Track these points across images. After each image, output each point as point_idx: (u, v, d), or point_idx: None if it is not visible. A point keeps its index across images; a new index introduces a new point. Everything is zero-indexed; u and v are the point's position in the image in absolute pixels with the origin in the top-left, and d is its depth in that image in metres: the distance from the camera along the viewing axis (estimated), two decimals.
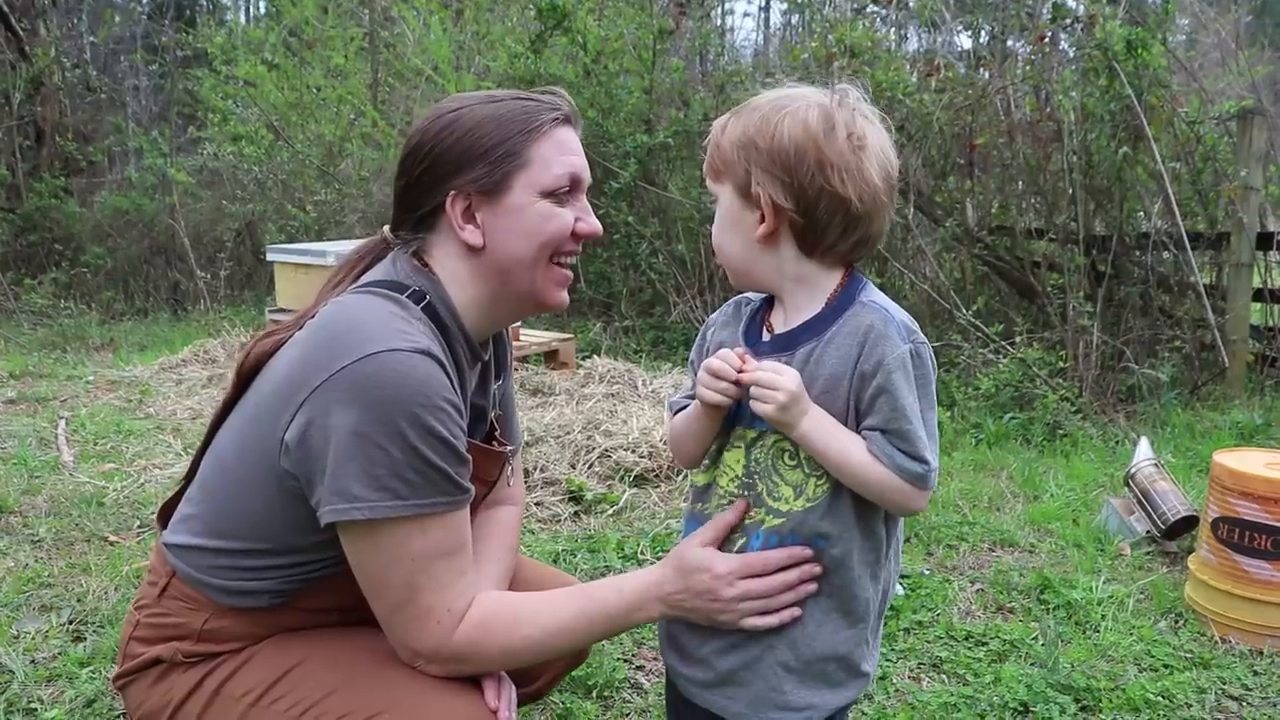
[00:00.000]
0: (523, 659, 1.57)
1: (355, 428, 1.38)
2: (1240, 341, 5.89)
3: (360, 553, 1.46)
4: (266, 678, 1.54)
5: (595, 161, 7.72)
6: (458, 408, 1.46)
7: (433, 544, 1.45)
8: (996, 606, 3.22)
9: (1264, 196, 6.02)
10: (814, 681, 1.50)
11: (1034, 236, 6.75)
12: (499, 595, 1.60)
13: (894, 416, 1.41)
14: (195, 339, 7.51)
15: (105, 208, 10.74)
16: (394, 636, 1.50)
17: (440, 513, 1.44)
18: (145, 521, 3.78)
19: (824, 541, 1.47)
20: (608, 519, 3.92)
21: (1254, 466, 3.02)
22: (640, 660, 2.82)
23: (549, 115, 1.57)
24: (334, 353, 1.42)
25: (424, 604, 1.46)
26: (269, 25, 11.64)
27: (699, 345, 1.63)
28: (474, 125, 1.55)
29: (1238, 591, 2.98)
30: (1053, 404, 5.21)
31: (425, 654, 1.49)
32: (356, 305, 1.51)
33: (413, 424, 1.39)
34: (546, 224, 1.56)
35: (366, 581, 1.48)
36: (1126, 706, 2.57)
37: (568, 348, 6.13)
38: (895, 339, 1.41)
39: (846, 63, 7.03)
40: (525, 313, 1.70)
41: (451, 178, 1.55)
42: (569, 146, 1.59)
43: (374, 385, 1.39)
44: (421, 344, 1.44)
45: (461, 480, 1.47)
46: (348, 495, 1.40)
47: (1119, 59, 5.77)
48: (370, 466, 1.39)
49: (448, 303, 1.58)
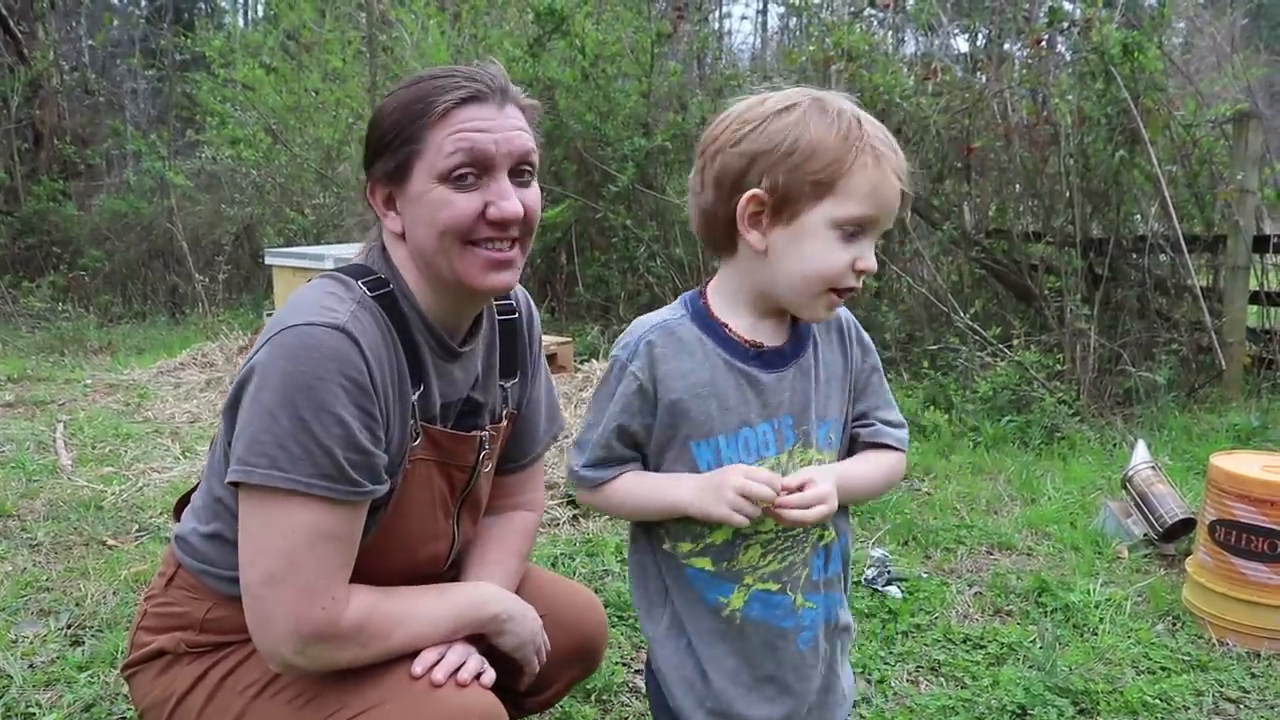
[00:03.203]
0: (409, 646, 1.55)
1: (255, 394, 1.41)
2: (1237, 344, 5.90)
3: (246, 514, 1.45)
4: (269, 670, 1.54)
5: (593, 165, 7.74)
6: (367, 392, 1.44)
7: (320, 525, 1.43)
8: (994, 609, 3.22)
9: (1260, 199, 6.03)
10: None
11: (1031, 239, 6.76)
12: (369, 588, 1.54)
13: (881, 389, 1.57)
14: (193, 342, 7.51)
15: (103, 211, 10.75)
16: (260, 612, 1.44)
17: (327, 498, 1.42)
18: (144, 525, 3.78)
19: (845, 536, 1.57)
20: (606, 523, 3.92)
21: (1250, 469, 3.03)
22: (639, 664, 2.82)
23: (450, 96, 1.49)
24: (268, 330, 1.46)
25: (306, 582, 1.43)
26: (267, 29, 11.64)
27: (629, 389, 1.46)
28: (389, 111, 1.53)
29: (1235, 594, 2.98)
30: (1050, 407, 5.22)
31: (306, 633, 1.43)
32: (304, 287, 1.54)
33: (306, 396, 1.39)
34: (440, 212, 1.49)
35: (245, 546, 1.46)
36: (1124, 709, 2.57)
37: (565, 351, 6.12)
38: (854, 320, 1.58)
39: (844, 66, 7.04)
40: (470, 299, 1.62)
41: (370, 166, 1.56)
42: (471, 127, 1.48)
43: (280, 355, 1.41)
44: (339, 320, 1.43)
45: (351, 471, 1.43)
46: (236, 456, 1.42)
47: (1115, 62, 5.79)
48: (259, 432, 1.40)
49: (407, 291, 1.57)
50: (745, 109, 1.39)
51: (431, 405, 1.61)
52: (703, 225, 1.45)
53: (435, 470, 1.63)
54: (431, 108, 1.48)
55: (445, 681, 1.50)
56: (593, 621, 1.92)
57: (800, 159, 1.32)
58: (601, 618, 1.96)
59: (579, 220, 7.97)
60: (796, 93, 1.38)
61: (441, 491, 1.66)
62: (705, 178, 1.41)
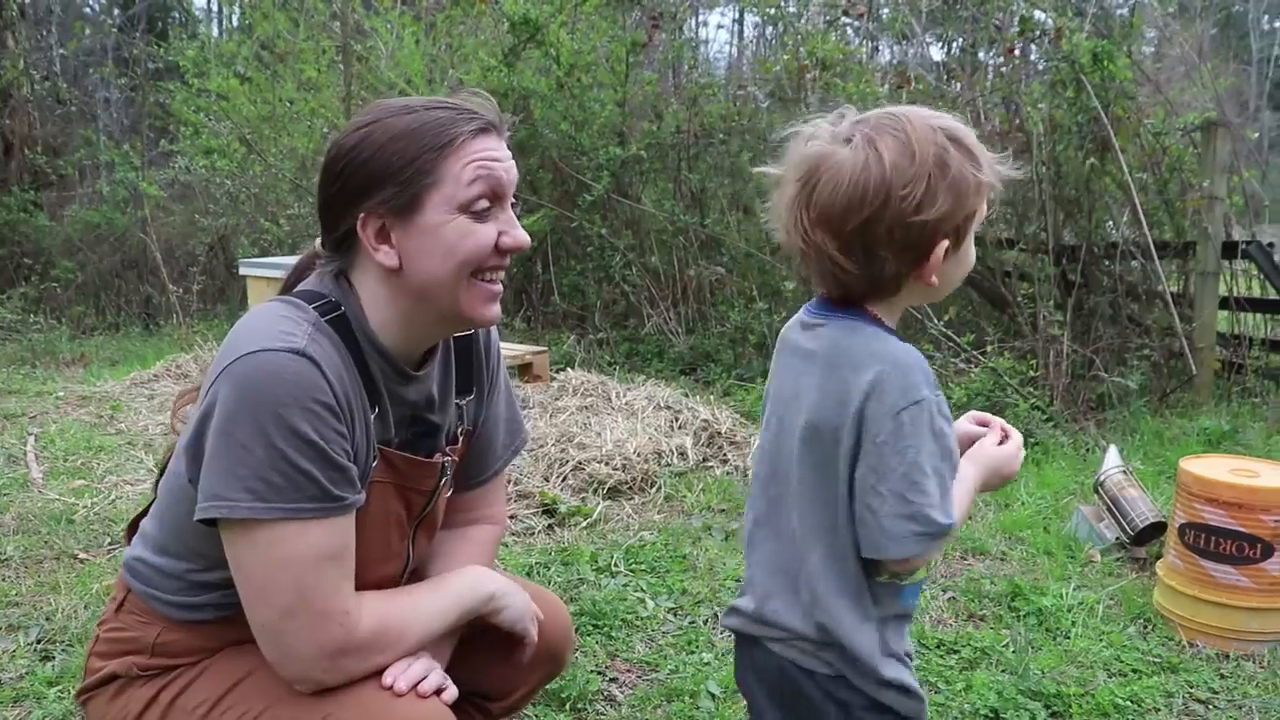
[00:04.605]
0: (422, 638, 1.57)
1: (222, 426, 1.39)
2: (1207, 349, 5.96)
3: (240, 554, 1.44)
4: (217, 690, 1.55)
5: (568, 174, 7.75)
6: (335, 412, 1.43)
7: (317, 546, 1.42)
8: (968, 614, 3.24)
9: (1228, 206, 6.10)
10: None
11: (1004, 246, 6.80)
12: (371, 594, 1.55)
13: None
14: (168, 353, 7.46)
15: (76, 221, 10.66)
16: (283, 646, 1.45)
17: (316, 517, 1.42)
18: (116, 538, 3.75)
19: None
20: (581, 531, 3.92)
21: (1219, 473, 3.06)
22: (614, 672, 2.82)
23: (465, 127, 1.49)
24: (221, 356, 1.44)
25: (319, 607, 1.43)
26: (241, 38, 11.58)
27: (945, 413, 1.46)
28: (385, 142, 1.48)
29: (1204, 596, 3.01)
30: (1024, 413, 5.25)
31: (330, 652, 1.44)
32: (254, 312, 1.52)
33: (277, 424, 1.38)
34: (463, 242, 1.49)
35: (248, 585, 1.44)
36: (1096, 712, 2.59)
37: (541, 360, 6.12)
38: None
39: (818, 75, 7.08)
40: (452, 330, 1.65)
41: (362, 199, 1.50)
42: (487, 157, 1.50)
43: (241, 385, 1.39)
44: (298, 345, 1.42)
45: (333, 488, 1.43)
46: (210, 493, 1.40)
47: (1085, 71, 5.84)
48: (234, 465, 1.38)
49: (360, 319, 1.55)
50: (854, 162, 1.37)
51: (387, 428, 1.60)
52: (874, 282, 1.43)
53: (393, 493, 1.62)
54: (449, 138, 1.48)
55: (408, 692, 1.50)
56: (558, 623, 1.92)
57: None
58: (566, 620, 1.97)
59: (554, 230, 7.98)
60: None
61: (398, 514, 1.65)
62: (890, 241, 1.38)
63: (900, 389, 1.36)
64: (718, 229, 7.68)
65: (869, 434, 1.38)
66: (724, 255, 7.67)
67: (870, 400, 1.37)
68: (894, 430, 1.36)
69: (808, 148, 1.41)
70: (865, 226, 1.36)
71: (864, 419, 1.38)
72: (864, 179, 1.35)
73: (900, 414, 1.36)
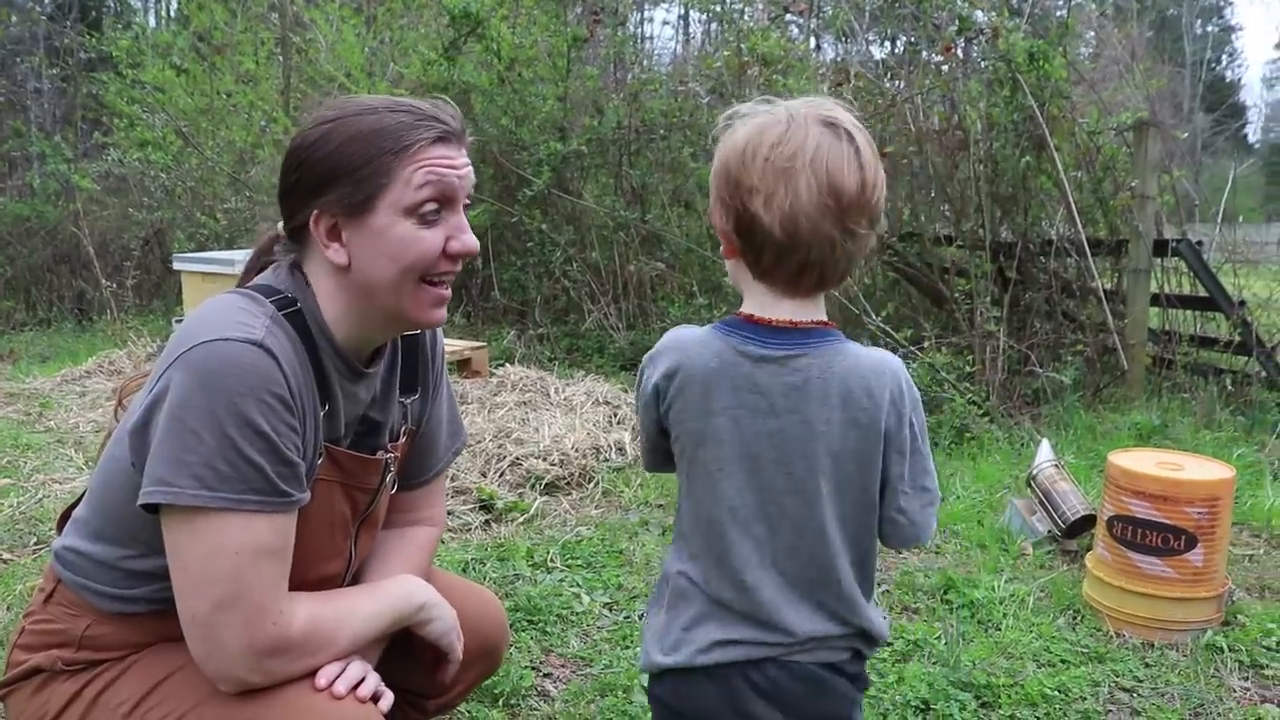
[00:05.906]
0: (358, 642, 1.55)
1: (173, 412, 1.37)
2: (1139, 345, 6.06)
3: (179, 542, 1.41)
4: (142, 687, 1.51)
5: (509, 169, 7.71)
6: (288, 405, 1.42)
7: (258, 540, 1.41)
8: (902, 607, 3.26)
9: (1159, 205, 6.21)
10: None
11: (943, 243, 6.87)
12: (305, 594, 1.53)
13: None
14: (101, 350, 7.32)
15: (4, 214, 10.44)
16: (211, 640, 1.41)
17: (261, 511, 1.40)
18: (42, 538, 3.67)
19: None
20: (518, 527, 3.90)
21: (1146, 466, 3.11)
22: (548, 668, 2.80)
23: (424, 134, 1.50)
24: (175, 345, 1.42)
25: (254, 601, 1.41)
26: (177, 29, 11.40)
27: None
28: (344, 141, 1.48)
29: (1131, 587, 3.06)
30: (960, 408, 5.30)
31: (260, 650, 1.42)
32: (211, 302, 1.50)
33: (230, 413, 1.36)
34: (410, 247, 1.49)
35: (184, 574, 1.41)
36: (1024, 701, 2.62)
37: (480, 356, 6.09)
38: None
39: (759, 71, 7.10)
40: (399, 330, 1.65)
41: (316, 195, 1.50)
42: (441, 163, 1.50)
43: (196, 372, 1.37)
44: (256, 336, 1.41)
45: (281, 483, 1.42)
46: (155, 478, 1.37)
47: (1021, 70, 5.91)
48: (182, 452, 1.36)
49: (316, 314, 1.55)
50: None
51: (336, 426, 1.59)
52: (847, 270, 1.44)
53: (338, 491, 1.61)
54: (403, 144, 1.48)
55: (346, 694, 1.48)
56: (493, 620, 1.91)
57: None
58: (502, 617, 1.96)
59: (495, 225, 7.94)
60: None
61: (343, 513, 1.64)
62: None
63: (908, 395, 1.43)
64: (659, 224, 7.68)
65: (894, 444, 1.42)
66: (665, 251, 7.67)
67: (890, 415, 1.41)
68: (913, 434, 1.43)
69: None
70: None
71: (889, 434, 1.42)
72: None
73: (913, 416, 1.43)
